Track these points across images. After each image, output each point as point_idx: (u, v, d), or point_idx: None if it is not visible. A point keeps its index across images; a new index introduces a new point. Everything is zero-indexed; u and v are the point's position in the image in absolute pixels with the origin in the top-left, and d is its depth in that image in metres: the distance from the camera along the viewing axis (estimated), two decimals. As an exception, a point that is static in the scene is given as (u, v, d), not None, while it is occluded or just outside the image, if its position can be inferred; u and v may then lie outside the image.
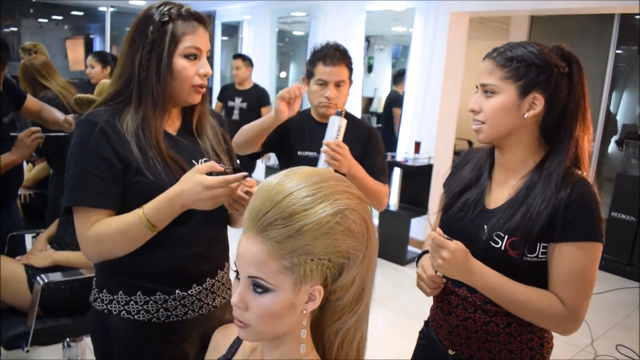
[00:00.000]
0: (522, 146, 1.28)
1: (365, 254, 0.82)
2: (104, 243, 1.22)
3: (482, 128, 1.27)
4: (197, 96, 1.33)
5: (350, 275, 0.81)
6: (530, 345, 1.30)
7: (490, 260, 1.23)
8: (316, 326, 0.87)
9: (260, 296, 0.78)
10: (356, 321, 0.85)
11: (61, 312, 2.06)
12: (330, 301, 0.83)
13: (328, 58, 2.00)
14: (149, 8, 1.29)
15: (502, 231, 1.23)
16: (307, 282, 0.78)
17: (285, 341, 0.84)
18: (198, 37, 1.29)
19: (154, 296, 1.30)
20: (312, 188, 0.78)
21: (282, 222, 0.75)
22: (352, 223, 0.79)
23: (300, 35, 7.16)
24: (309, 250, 0.76)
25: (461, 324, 1.33)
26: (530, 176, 1.26)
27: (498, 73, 1.23)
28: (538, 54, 1.22)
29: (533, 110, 1.23)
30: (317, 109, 2.09)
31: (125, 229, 1.21)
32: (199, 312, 1.36)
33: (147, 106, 1.26)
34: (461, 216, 1.33)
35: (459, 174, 1.42)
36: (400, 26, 5.64)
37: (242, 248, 0.79)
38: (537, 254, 1.21)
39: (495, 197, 1.32)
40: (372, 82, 6.60)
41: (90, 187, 1.22)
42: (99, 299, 1.33)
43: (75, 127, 1.30)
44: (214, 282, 1.40)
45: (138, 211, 1.20)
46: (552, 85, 1.21)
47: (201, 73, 1.30)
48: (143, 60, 1.25)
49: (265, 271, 0.77)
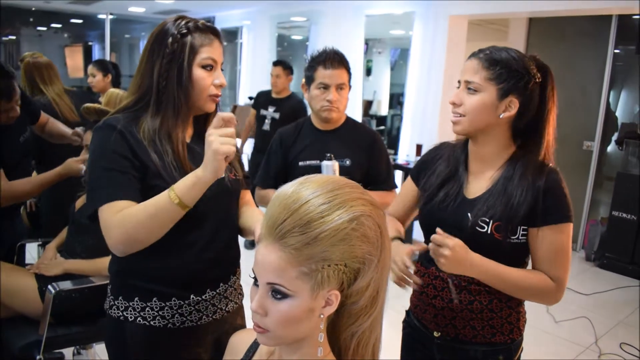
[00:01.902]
0: (495, 142, 1.41)
1: (380, 259, 0.84)
2: (131, 226, 1.20)
3: (460, 120, 1.40)
4: (212, 105, 1.39)
5: (365, 280, 0.83)
6: (509, 320, 1.43)
7: (477, 243, 1.34)
8: (332, 330, 0.88)
9: (280, 302, 0.80)
10: (371, 324, 0.87)
11: (72, 320, 2.08)
12: (346, 305, 0.85)
13: (328, 62, 2.04)
14: (164, 22, 1.34)
15: (486, 217, 1.35)
16: (325, 288, 0.80)
17: (304, 345, 0.86)
18: (214, 49, 1.35)
19: (170, 302, 1.33)
20: (328, 195, 0.80)
21: (300, 229, 0.77)
22: (367, 229, 0.81)
23: (299, 39, 7.20)
24: (326, 256, 0.78)
25: (447, 306, 1.44)
26: (506, 168, 1.40)
27: (483, 73, 1.35)
28: (520, 61, 1.34)
29: (508, 112, 1.36)
30: (319, 113, 2.09)
31: (154, 211, 1.20)
32: (212, 317, 1.39)
33: (168, 114, 1.31)
34: (444, 207, 1.44)
35: (435, 167, 1.53)
36: (399, 29, 5.67)
37: (260, 256, 0.81)
38: (517, 236, 1.35)
39: (474, 187, 1.44)
40: (371, 85, 6.63)
41: (114, 183, 1.25)
42: (115, 306, 1.35)
43: (93, 134, 1.32)
44: (226, 287, 1.43)
45: (167, 192, 1.20)
46: (527, 92, 1.35)
47: (216, 83, 1.36)
48: (162, 70, 1.30)
49: (284, 278, 0.78)
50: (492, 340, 1.42)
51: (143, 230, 1.21)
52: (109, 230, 1.22)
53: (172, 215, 1.20)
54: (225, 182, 1.39)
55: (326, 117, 2.08)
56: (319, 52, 2.09)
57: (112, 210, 1.22)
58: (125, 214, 1.21)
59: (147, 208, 1.21)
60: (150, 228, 1.21)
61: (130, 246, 1.23)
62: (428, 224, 1.48)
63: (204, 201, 1.27)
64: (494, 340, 1.42)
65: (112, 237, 1.22)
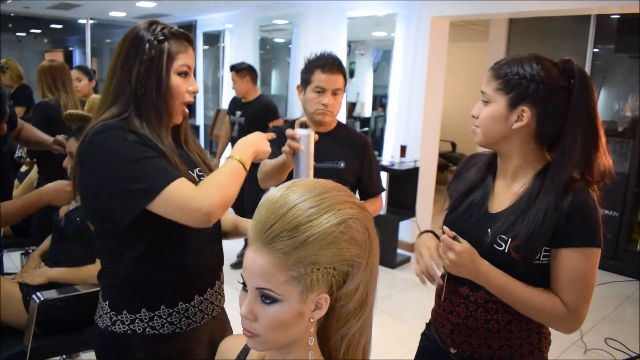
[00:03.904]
0: (518, 154, 1.34)
1: (368, 261, 0.84)
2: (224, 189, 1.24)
3: (476, 131, 1.36)
4: (183, 113, 1.39)
5: (354, 283, 0.83)
6: (529, 341, 1.35)
7: (494, 262, 1.29)
8: (322, 333, 0.89)
9: (269, 307, 0.79)
10: (361, 326, 0.88)
11: (57, 330, 2.05)
12: (335, 308, 0.85)
13: (327, 66, 2.04)
14: (136, 27, 1.30)
15: (505, 235, 1.28)
16: (314, 291, 0.80)
17: (294, 349, 0.86)
18: (189, 56, 1.35)
19: (177, 307, 1.33)
20: (316, 199, 0.80)
21: (288, 233, 0.77)
22: (356, 232, 0.81)
23: (282, 42, 7.18)
24: (315, 259, 0.78)
25: (463, 322, 1.37)
26: (532, 184, 1.31)
27: (493, 84, 1.31)
28: (532, 68, 1.26)
29: (520, 122, 1.28)
30: (313, 116, 2.09)
31: (229, 171, 1.29)
32: (212, 315, 1.42)
33: (152, 123, 1.29)
34: (466, 217, 1.39)
35: (464, 175, 1.48)
36: (381, 31, 5.69)
37: (249, 261, 0.80)
38: (539, 257, 1.27)
39: (498, 202, 1.37)
40: (355, 87, 6.64)
41: (161, 166, 1.22)
42: (119, 321, 1.31)
43: (89, 140, 1.24)
44: (220, 284, 1.47)
45: (232, 159, 1.33)
46: (543, 99, 1.26)
47: (190, 90, 1.35)
48: (141, 77, 1.27)
49: (272, 282, 0.78)
50: None
51: (232, 189, 1.27)
52: (200, 199, 1.19)
53: (240, 173, 1.32)
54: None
55: (320, 120, 2.08)
56: (317, 56, 2.10)
57: (183, 185, 1.20)
58: (208, 182, 1.26)
59: (222, 171, 1.29)
60: (234, 186, 1.28)
61: (225, 206, 1.24)
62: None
63: None
64: None
65: (209, 204, 1.19)
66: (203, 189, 1.22)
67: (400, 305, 3.84)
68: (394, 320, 2.13)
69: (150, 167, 1.20)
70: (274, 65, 7.55)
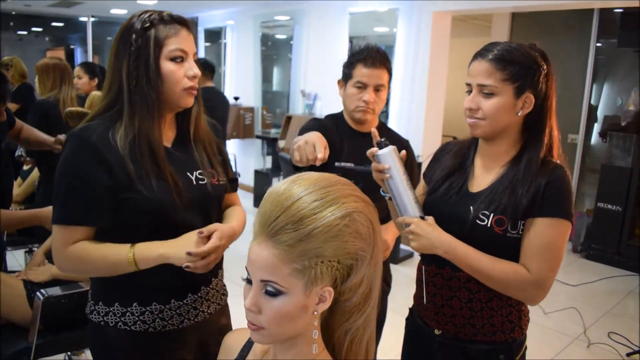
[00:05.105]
0: (509, 139, 1.39)
1: (373, 255, 0.84)
2: (85, 263, 1.24)
3: (480, 124, 1.36)
4: (189, 99, 1.32)
5: (358, 276, 0.83)
6: (509, 318, 1.40)
7: (477, 237, 1.34)
8: (326, 327, 0.89)
9: (273, 299, 0.80)
10: (364, 321, 0.88)
11: (62, 326, 2.05)
12: (339, 302, 0.85)
13: (369, 60, 1.88)
14: (130, 18, 1.29)
15: (487, 210, 1.34)
16: (318, 284, 0.80)
17: (298, 342, 0.86)
18: (182, 40, 1.28)
19: (150, 307, 1.31)
20: (320, 192, 0.80)
21: (293, 226, 0.77)
22: (360, 225, 0.81)
23: (283, 38, 7.17)
24: (319, 252, 0.78)
25: (446, 304, 1.42)
26: (512, 164, 1.38)
27: (498, 75, 1.30)
28: (528, 55, 1.31)
29: (527, 109, 1.34)
30: (353, 114, 1.96)
31: (111, 261, 1.23)
32: (194, 319, 1.37)
33: (143, 115, 1.25)
34: (446, 198, 1.43)
35: (441, 161, 1.52)
36: (383, 26, 5.67)
37: (253, 253, 0.81)
38: (517, 231, 1.33)
39: (478, 182, 1.43)
40: (357, 83, 6.66)
41: (77, 204, 1.22)
42: (95, 311, 1.33)
43: (65, 140, 1.27)
44: (208, 290, 1.41)
45: (128, 251, 1.22)
46: (539, 85, 1.32)
47: (190, 75, 1.29)
48: (131, 69, 1.24)
49: (277, 275, 0.78)
50: (492, 339, 1.40)
51: (94, 271, 1.29)
52: (59, 258, 1.25)
53: (124, 269, 1.23)
54: (206, 189, 1.36)
55: (359, 118, 1.95)
56: (360, 49, 1.94)
57: (67, 236, 1.22)
58: (81, 252, 1.23)
59: (105, 255, 1.23)
60: (102, 270, 1.27)
61: (78, 274, 1.28)
62: (430, 214, 1.44)
63: (184, 208, 1.28)
64: (495, 339, 1.40)
65: (62, 266, 1.27)
66: (75, 257, 1.23)
67: (403, 301, 3.84)
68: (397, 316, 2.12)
69: (68, 198, 1.23)
70: (276, 61, 7.54)
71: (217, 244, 1.23)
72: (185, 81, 1.29)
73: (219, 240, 1.24)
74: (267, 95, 7.22)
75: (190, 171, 1.35)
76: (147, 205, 1.23)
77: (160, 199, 1.24)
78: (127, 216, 1.24)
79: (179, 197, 1.27)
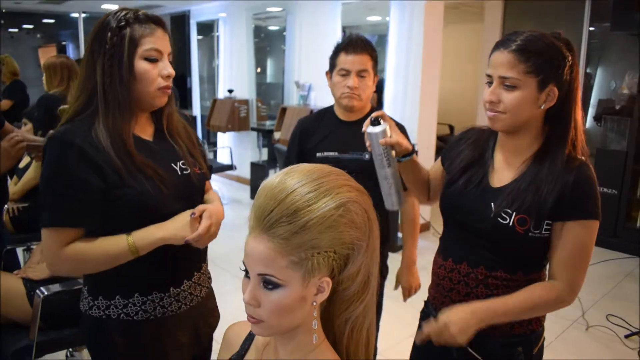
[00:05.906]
0: (531, 132, 1.34)
1: (369, 244, 0.85)
2: (85, 262, 1.26)
3: (500, 117, 1.30)
4: (163, 98, 1.34)
5: (355, 265, 0.83)
6: None
7: (498, 235, 1.31)
8: (326, 317, 0.89)
9: (271, 292, 0.80)
10: (364, 309, 0.88)
11: (63, 323, 2.06)
12: (338, 292, 0.85)
13: (350, 47, 1.93)
14: (105, 16, 1.28)
15: (510, 209, 1.29)
16: (315, 275, 0.80)
17: (298, 333, 0.87)
18: (157, 39, 1.29)
19: (151, 295, 1.35)
20: (314, 184, 0.80)
21: (287, 219, 0.78)
22: (355, 215, 0.82)
23: (276, 30, 7.15)
24: (315, 244, 0.79)
25: (463, 299, 1.38)
26: (535, 158, 1.33)
27: (520, 67, 1.25)
28: (553, 46, 1.26)
29: (550, 102, 1.28)
30: (340, 101, 1.99)
31: (113, 254, 1.25)
32: (190, 304, 1.43)
33: (116, 113, 1.26)
34: (466, 192, 1.39)
35: (460, 150, 1.47)
36: (375, 16, 5.66)
37: (249, 247, 0.81)
38: (540, 231, 1.28)
39: (499, 177, 1.37)
40: (351, 72, 6.65)
41: (71, 207, 1.22)
42: (95, 306, 1.35)
43: (46, 143, 1.26)
44: (200, 276, 1.47)
45: (127, 240, 1.24)
46: (563, 77, 1.27)
47: (164, 74, 1.30)
48: (106, 67, 1.24)
49: (274, 268, 0.79)
50: (510, 332, 1.37)
51: (96, 266, 1.28)
52: (54, 261, 1.25)
53: (125, 257, 1.26)
54: (191, 178, 1.40)
55: (347, 105, 1.97)
56: (343, 39, 2.00)
57: (58, 238, 1.23)
58: (78, 251, 1.24)
59: (103, 247, 1.25)
60: (104, 264, 1.27)
61: (78, 274, 1.30)
62: (449, 208, 1.43)
63: (174, 199, 1.32)
64: (513, 332, 1.37)
65: (58, 268, 1.28)
66: (72, 257, 1.24)
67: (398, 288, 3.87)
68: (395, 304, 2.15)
69: (58, 202, 1.23)
70: (269, 53, 7.52)
71: (208, 223, 1.30)
72: (160, 80, 1.30)
73: (209, 220, 1.30)
74: (262, 87, 7.20)
75: (174, 162, 1.39)
76: (139, 200, 1.26)
77: (152, 192, 1.27)
78: (120, 212, 1.26)
79: (167, 188, 1.30)
